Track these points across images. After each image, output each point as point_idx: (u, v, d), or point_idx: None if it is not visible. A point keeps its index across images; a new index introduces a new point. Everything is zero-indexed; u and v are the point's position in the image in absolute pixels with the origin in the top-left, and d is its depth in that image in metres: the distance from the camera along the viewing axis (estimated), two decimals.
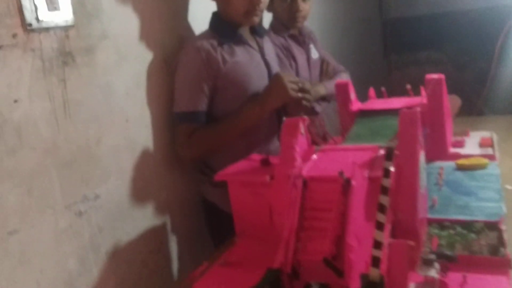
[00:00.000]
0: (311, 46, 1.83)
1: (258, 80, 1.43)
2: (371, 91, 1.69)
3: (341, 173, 0.98)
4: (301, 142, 1.15)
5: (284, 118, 1.48)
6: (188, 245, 1.44)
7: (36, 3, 0.96)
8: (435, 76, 1.41)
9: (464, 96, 3.69)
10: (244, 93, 1.39)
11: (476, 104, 3.78)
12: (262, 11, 1.41)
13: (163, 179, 1.34)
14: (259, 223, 1.15)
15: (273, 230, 1.08)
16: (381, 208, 0.85)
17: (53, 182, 1.02)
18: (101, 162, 1.14)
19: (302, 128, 1.16)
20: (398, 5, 4.00)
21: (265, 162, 1.22)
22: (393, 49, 4.08)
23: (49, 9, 0.98)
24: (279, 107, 1.43)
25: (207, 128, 1.35)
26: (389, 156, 0.92)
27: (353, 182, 0.93)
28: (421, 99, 1.49)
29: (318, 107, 1.71)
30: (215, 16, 1.42)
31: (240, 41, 1.41)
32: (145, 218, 1.28)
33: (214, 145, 1.38)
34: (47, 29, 0.99)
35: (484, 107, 3.72)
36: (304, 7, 1.69)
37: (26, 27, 0.95)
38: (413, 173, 0.97)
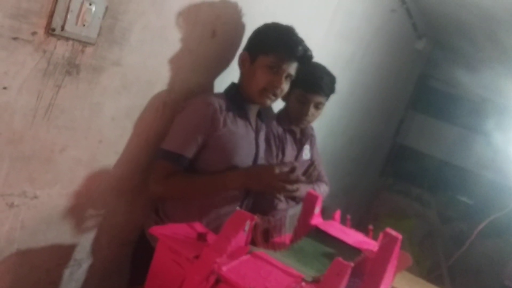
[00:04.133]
0: (306, 147, 1.89)
1: (245, 156, 1.50)
2: (337, 214, 1.72)
3: None
4: (239, 238, 1.19)
5: (238, 208, 1.51)
6: (101, 273, 1.44)
7: (68, 15, 1.02)
8: (393, 233, 1.45)
9: (433, 251, 3.71)
10: (227, 161, 1.45)
11: (440, 263, 3.79)
12: (276, 96, 1.49)
13: (108, 205, 1.37)
14: None
15: None
16: None
17: (1, 169, 1.05)
18: (56, 168, 1.17)
19: (247, 225, 1.20)
20: (415, 138, 4.10)
21: (201, 238, 1.25)
22: (391, 173, 4.15)
23: (77, 24, 1.05)
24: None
25: (186, 176, 1.41)
26: None
27: None
28: (374, 246, 1.53)
29: (282, 204, 1.74)
30: (233, 86, 1.53)
31: (244, 116, 1.50)
32: (71, 232, 1.30)
33: (186, 194, 1.44)
34: (67, 39, 1.05)
35: (446, 271, 3.73)
36: (313, 113, 1.75)
37: (48, 30, 1.00)
38: None
